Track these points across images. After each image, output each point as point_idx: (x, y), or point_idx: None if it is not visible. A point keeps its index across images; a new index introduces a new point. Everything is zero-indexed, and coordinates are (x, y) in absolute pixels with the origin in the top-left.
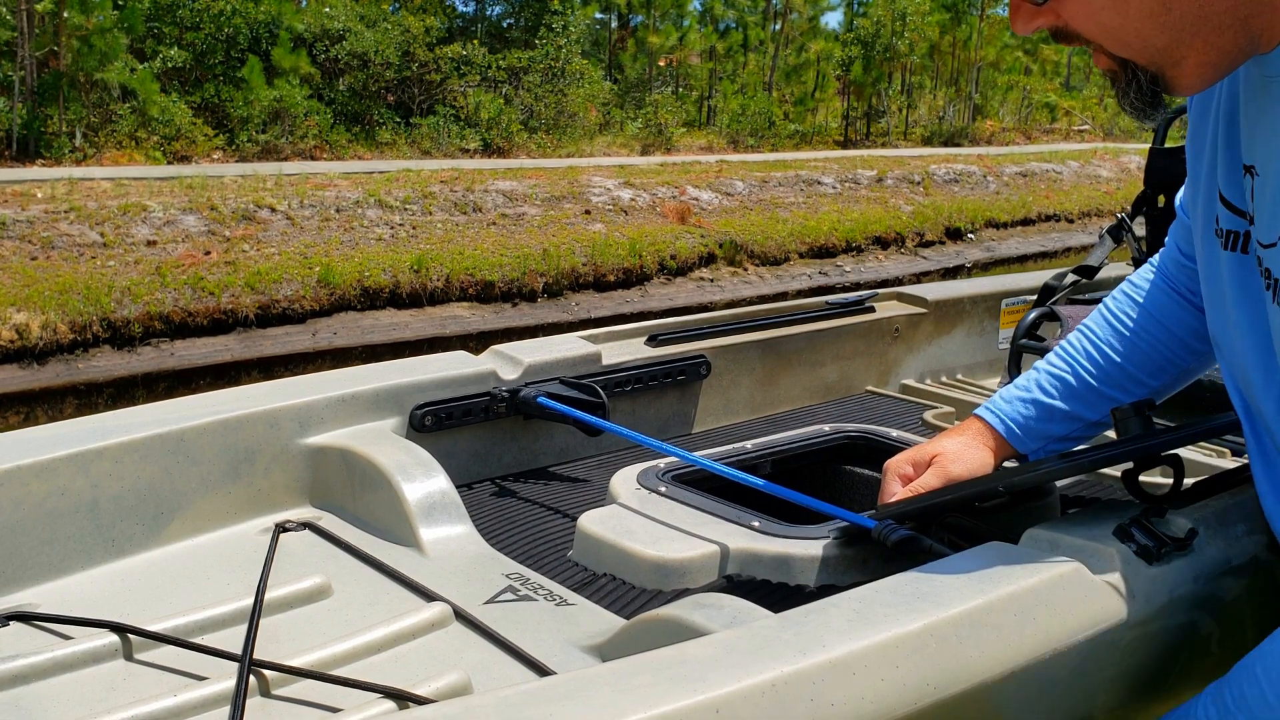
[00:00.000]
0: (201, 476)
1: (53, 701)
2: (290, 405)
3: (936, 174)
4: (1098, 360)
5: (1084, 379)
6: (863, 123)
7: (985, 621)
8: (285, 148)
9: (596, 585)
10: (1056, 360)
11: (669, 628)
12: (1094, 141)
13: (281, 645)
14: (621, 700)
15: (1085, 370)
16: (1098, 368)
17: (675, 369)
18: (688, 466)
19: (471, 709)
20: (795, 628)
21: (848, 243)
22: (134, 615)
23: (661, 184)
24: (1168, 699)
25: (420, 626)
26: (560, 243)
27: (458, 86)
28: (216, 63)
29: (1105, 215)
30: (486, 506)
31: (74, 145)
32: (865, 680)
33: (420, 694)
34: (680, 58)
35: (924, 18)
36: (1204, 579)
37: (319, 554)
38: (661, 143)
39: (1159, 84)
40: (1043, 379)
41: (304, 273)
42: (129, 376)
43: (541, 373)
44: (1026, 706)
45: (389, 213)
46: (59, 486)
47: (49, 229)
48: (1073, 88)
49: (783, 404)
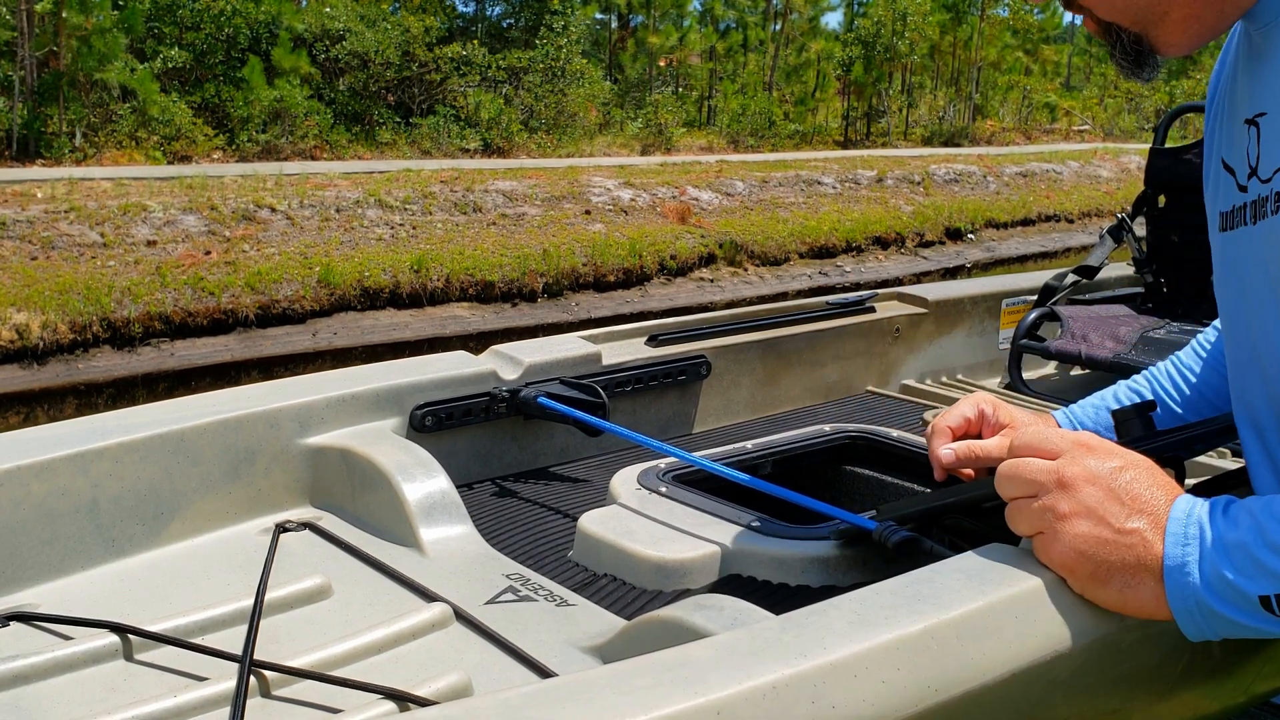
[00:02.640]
0: (202, 476)
1: (53, 702)
2: (290, 405)
3: (936, 174)
4: (1177, 382)
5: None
6: (863, 123)
7: (987, 623)
8: (285, 148)
9: (597, 586)
10: (1139, 378)
11: (670, 629)
12: (1094, 141)
13: (282, 645)
14: (622, 702)
15: (1162, 389)
16: (1176, 389)
17: (675, 369)
18: (688, 467)
19: (472, 710)
20: (796, 629)
21: (848, 243)
22: (134, 615)
23: (661, 184)
24: (1168, 700)
25: (420, 627)
26: (560, 243)
27: (458, 86)
28: (216, 63)
29: (1105, 215)
30: (487, 507)
31: (74, 145)
32: (866, 682)
33: (420, 695)
34: (680, 58)
35: (924, 18)
36: None
37: (319, 554)
38: (661, 143)
39: (1142, 44)
40: (1121, 393)
41: (304, 273)
42: (129, 376)
43: (542, 373)
44: (1028, 708)
45: (389, 213)
46: (59, 486)
47: (49, 229)
48: (1073, 88)
49: (783, 404)
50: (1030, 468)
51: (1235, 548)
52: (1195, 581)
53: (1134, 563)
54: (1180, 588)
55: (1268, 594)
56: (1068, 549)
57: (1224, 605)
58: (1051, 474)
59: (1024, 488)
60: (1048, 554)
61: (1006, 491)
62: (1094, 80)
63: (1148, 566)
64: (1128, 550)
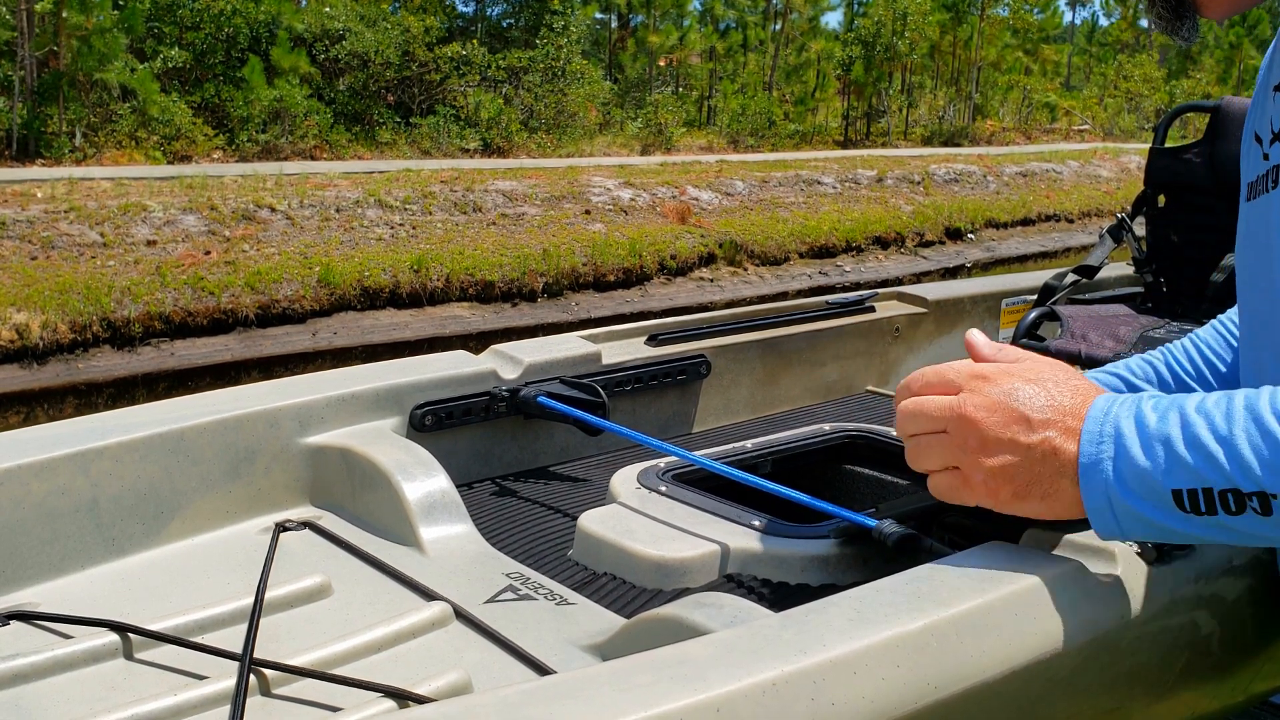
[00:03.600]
0: (201, 476)
1: (53, 700)
2: (290, 405)
3: (936, 174)
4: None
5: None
6: (863, 122)
7: (986, 621)
8: (285, 148)
9: (597, 585)
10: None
11: (669, 627)
12: (1094, 141)
13: (282, 644)
14: (622, 699)
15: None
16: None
17: (675, 369)
18: (688, 466)
19: (472, 708)
20: (796, 627)
21: (848, 243)
22: (134, 615)
23: (661, 184)
24: (1168, 699)
25: (420, 626)
26: (560, 243)
27: (457, 86)
28: (216, 63)
29: (1105, 215)
30: (487, 506)
31: (74, 145)
32: (866, 679)
33: (420, 693)
34: (680, 58)
35: (924, 17)
36: (1205, 579)
37: (319, 553)
38: (661, 143)
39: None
40: (1134, 363)
41: (304, 273)
42: (129, 376)
43: (541, 372)
44: (1027, 706)
45: (389, 213)
46: (59, 486)
47: (49, 229)
48: (1073, 88)
49: (783, 404)
50: (930, 405)
51: (1156, 440)
52: (1109, 477)
53: (1050, 472)
54: (1093, 485)
55: (1180, 488)
56: (981, 485)
57: (1135, 500)
58: (951, 410)
59: (926, 424)
60: (961, 494)
61: (907, 429)
62: (1094, 80)
63: (1063, 471)
64: (1040, 463)
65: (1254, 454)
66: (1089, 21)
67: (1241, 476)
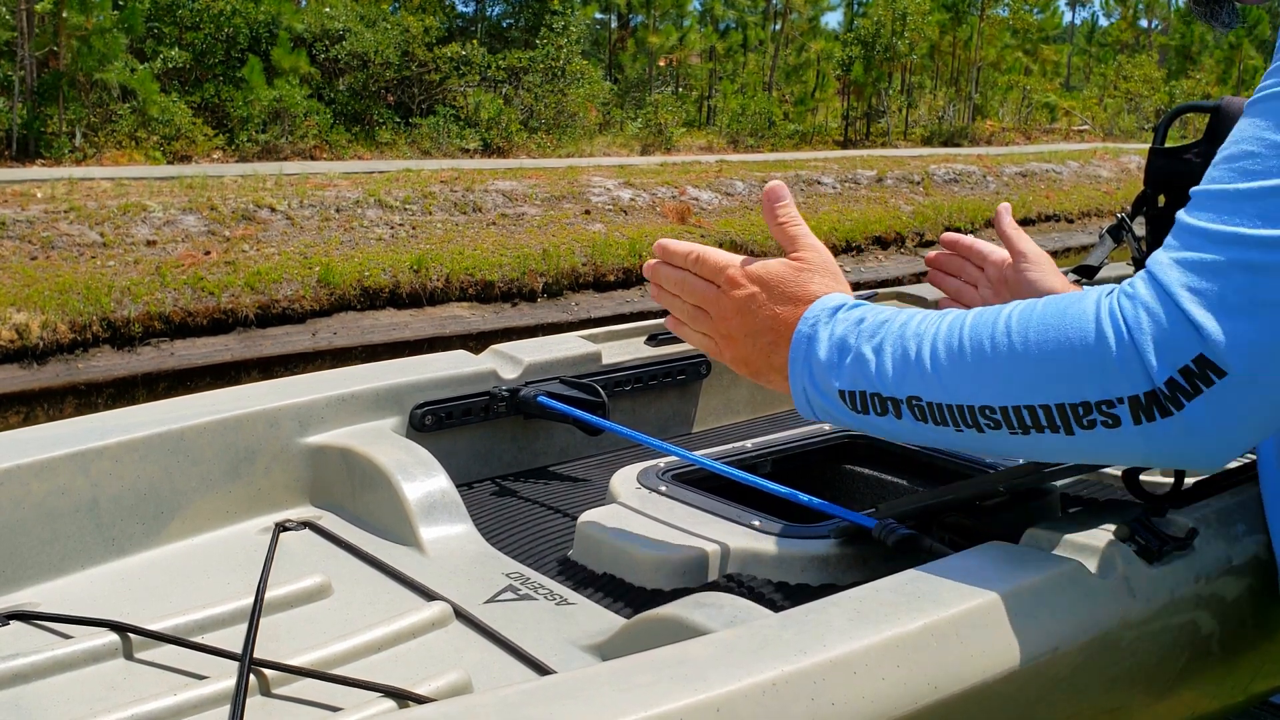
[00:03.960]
0: (201, 476)
1: (53, 700)
2: (290, 405)
3: (936, 174)
4: None
5: None
6: (863, 123)
7: (986, 621)
8: (285, 148)
9: (596, 584)
10: None
11: (669, 627)
12: (1094, 141)
13: (281, 644)
14: (622, 699)
15: None
16: None
17: (675, 368)
18: (688, 466)
19: (472, 708)
20: (796, 627)
21: (848, 243)
22: (134, 614)
23: (661, 184)
24: (1168, 699)
25: (420, 626)
26: (560, 243)
27: (457, 86)
28: (216, 63)
29: (1105, 215)
30: (486, 506)
31: (74, 145)
32: (866, 679)
33: (420, 693)
34: (680, 58)
35: (924, 18)
36: (1205, 578)
37: (319, 553)
38: (661, 143)
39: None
40: None
41: (304, 273)
42: (129, 376)
43: (541, 372)
44: (1027, 706)
45: (389, 213)
46: (59, 486)
47: (49, 229)
48: (1072, 88)
49: (783, 403)
50: (692, 285)
51: (834, 343)
52: (802, 371)
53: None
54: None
55: (845, 389)
56: (729, 362)
57: (819, 394)
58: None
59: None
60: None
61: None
62: (1094, 80)
63: (775, 368)
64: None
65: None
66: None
67: (882, 383)
